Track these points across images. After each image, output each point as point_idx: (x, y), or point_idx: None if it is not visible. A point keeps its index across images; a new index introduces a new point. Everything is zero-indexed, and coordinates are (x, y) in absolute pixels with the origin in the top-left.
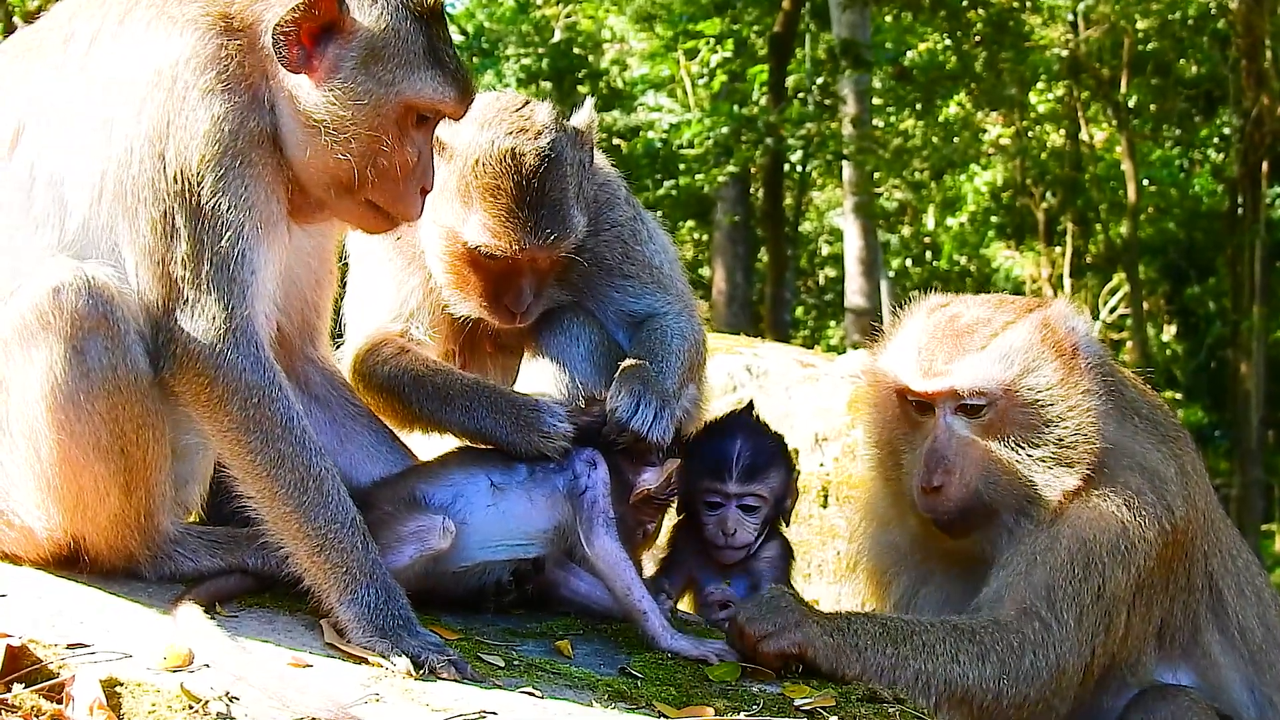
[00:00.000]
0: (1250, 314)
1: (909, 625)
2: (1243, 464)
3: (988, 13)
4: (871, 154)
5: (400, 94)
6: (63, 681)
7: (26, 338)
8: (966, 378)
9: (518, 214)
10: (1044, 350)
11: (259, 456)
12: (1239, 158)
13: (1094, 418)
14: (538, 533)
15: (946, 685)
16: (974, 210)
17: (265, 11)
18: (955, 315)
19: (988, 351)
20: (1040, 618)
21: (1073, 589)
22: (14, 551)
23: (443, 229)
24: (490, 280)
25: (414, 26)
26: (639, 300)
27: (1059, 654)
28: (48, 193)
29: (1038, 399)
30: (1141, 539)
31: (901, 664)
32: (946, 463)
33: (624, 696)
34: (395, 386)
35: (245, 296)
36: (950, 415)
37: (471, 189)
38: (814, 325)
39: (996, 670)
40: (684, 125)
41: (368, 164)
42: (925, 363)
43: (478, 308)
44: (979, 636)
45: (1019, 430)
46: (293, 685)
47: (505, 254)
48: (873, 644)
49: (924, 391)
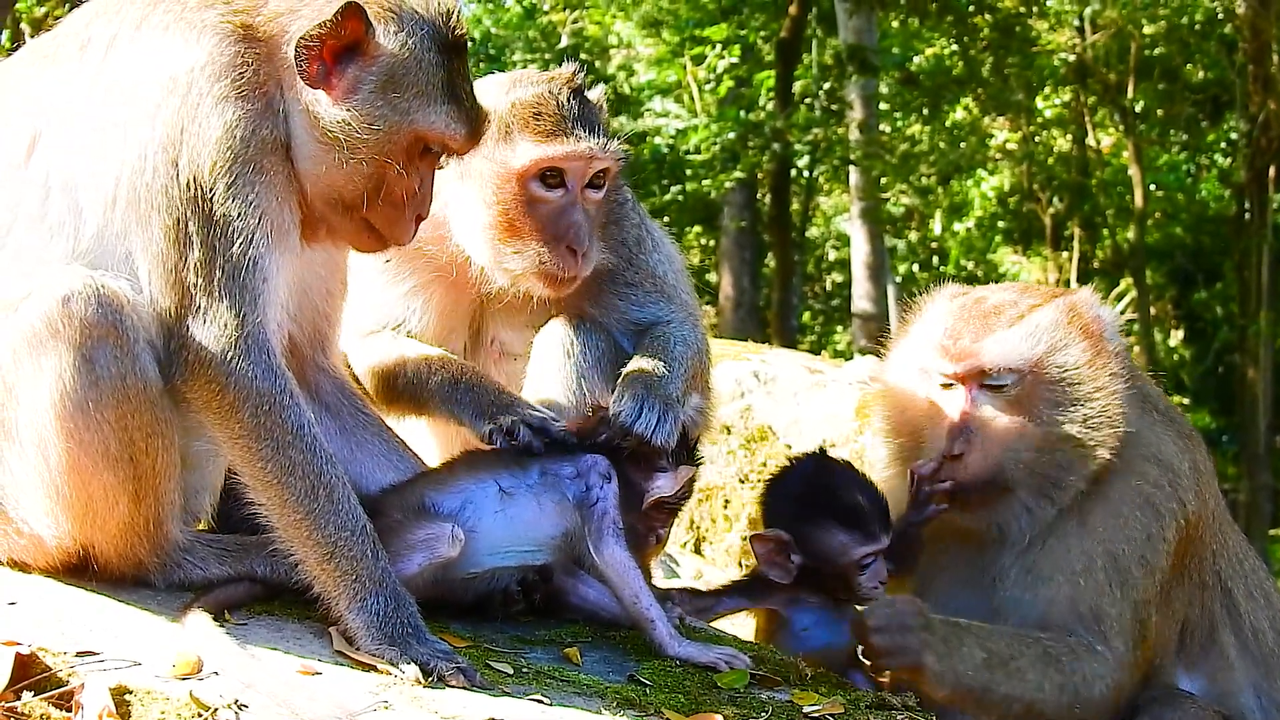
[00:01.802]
0: (1258, 319)
1: (1006, 650)
2: (1250, 469)
3: (994, 18)
4: (878, 159)
5: (413, 124)
6: (72, 689)
7: (36, 346)
8: (994, 355)
9: (565, 121)
10: (1071, 331)
11: (270, 464)
12: (1246, 162)
13: (1119, 400)
14: (546, 539)
15: (1028, 709)
16: (981, 215)
17: (290, 24)
18: (981, 298)
19: (1015, 329)
20: (1097, 648)
21: (1116, 610)
22: (23, 559)
23: (488, 179)
24: (546, 222)
25: (435, 58)
26: (643, 309)
27: (1117, 678)
28: (62, 199)
29: (1065, 377)
30: (1162, 539)
31: (993, 688)
32: (970, 433)
33: (632, 704)
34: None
35: (257, 304)
36: (976, 391)
37: (512, 126)
38: (821, 330)
39: (1070, 698)
40: (691, 130)
41: (373, 186)
42: (952, 341)
43: (535, 260)
44: (1061, 665)
45: (1045, 408)
46: (302, 693)
47: (561, 157)
48: (974, 671)
49: (952, 371)
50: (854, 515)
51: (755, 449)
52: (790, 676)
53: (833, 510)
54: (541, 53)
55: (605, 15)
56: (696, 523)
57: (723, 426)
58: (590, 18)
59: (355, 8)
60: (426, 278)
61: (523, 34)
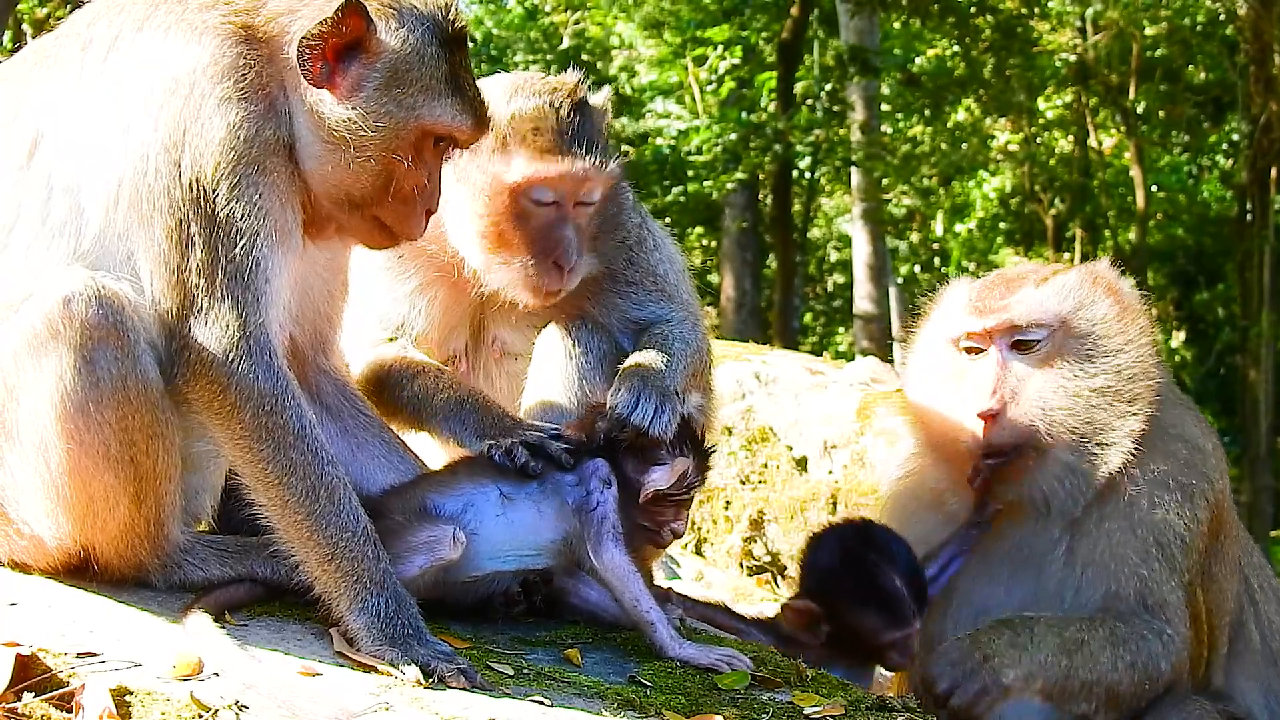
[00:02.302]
0: (1259, 320)
1: (1077, 634)
2: (1252, 470)
3: (996, 19)
4: (880, 160)
5: (419, 119)
6: (72, 690)
7: (37, 347)
8: (1023, 309)
9: (560, 141)
10: (1097, 289)
11: (271, 464)
12: (1248, 164)
13: (1152, 353)
14: (545, 544)
15: (1107, 691)
16: (982, 216)
17: (291, 24)
18: (1003, 270)
19: (1044, 288)
20: (1161, 628)
21: (1172, 595)
22: (23, 560)
23: (480, 188)
24: (535, 235)
25: (437, 52)
26: (643, 308)
27: (1181, 656)
28: (64, 200)
29: (1094, 330)
30: (1195, 519)
31: (1073, 674)
32: (1003, 390)
33: (633, 705)
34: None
35: (259, 304)
36: (1007, 351)
37: (510, 138)
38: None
39: (1141, 676)
40: (692, 131)
41: (381, 183)
42: (981, 302)
43: (521, 272)
44: (1130, 645)
45: (1076, 361)
46: (302, 694)
47: (555, 180)
48: (1051, 657)
49: (981, 326)
50: (890, 601)
51: (756, 450)
52: (791, 678)
53: (870, 593)
54: (543, 54)
55: (607, 16)
56: (698, 524)
57: (724, 428)
58: (592, 19)
59: (356, 5)
60: (429, 277)
61: (524, 35)
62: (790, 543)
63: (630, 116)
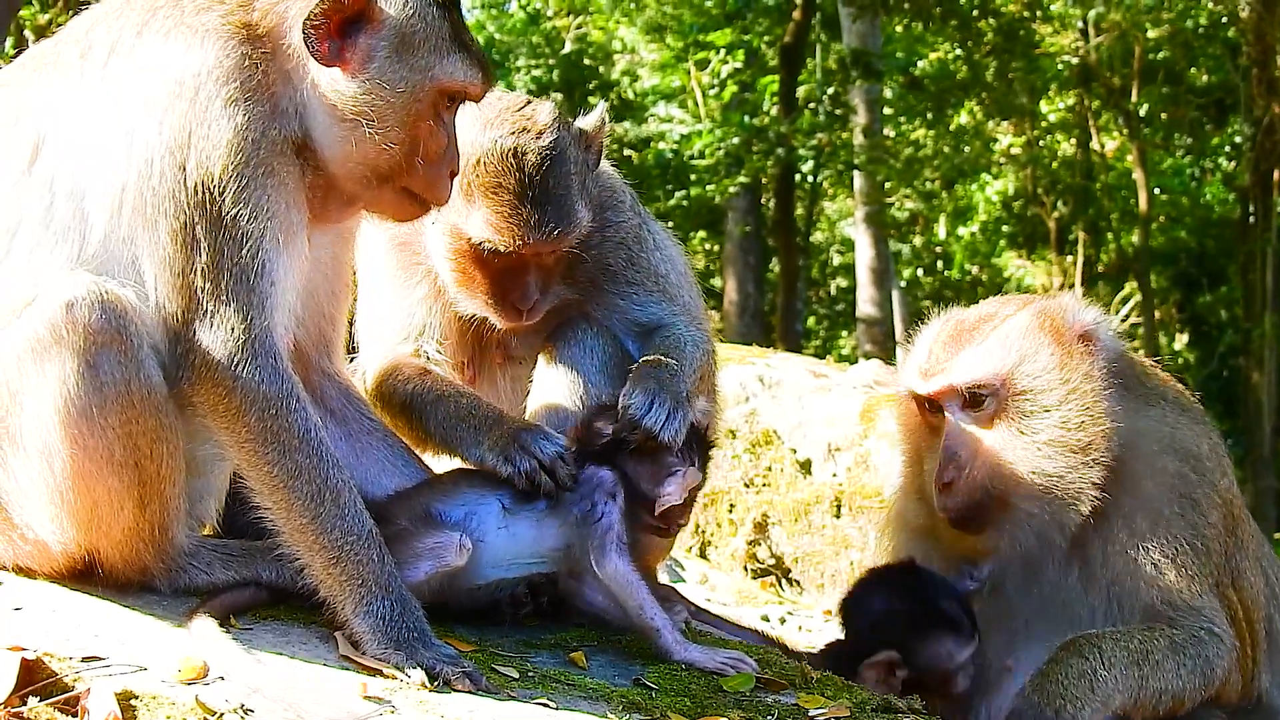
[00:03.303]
0: (1262, 322)
1: (1142, 645)
2: (1255, 472)
3: (998, 22)
4: (883, 164)
5: (435, 78)
6: (77, 694)
7: (40, 352)
8: (963, 372)
9: (520, 209)
10: (1040, 337)
11: (276, 468)
12: (1250, 166)
13: (1099, 399)
14: (548, 552)
15: (1174, 697)
16: (985, 220)
17: (289, 10)
18: (962, 318)
19: (983, 345)
20: (1213, 630)
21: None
22: (28, 565)
23: (447, 226)
24: (496, 278)
25: (438, 12)
26: (644, 309)
27: (1233, 656)
28: (67, 205)
29: (1034, 385)
30: (1207, 524)
31: (1145, 684)
32: (957, 459)
33: (638, 707)
34: (413, 407)
35: (265, 307)
36: (959, 412)
37: (474, 187)
38: (825, 335)
39: (1202, 680)
40: (695, 136)
41: (408, 150)
42: (927, 364)
43: (484, 306)
44: (1188, 650)
45: (1020, 418)
46: (308, 697)
47: (509, 249)
48: (1123, 670)
49: (927, 392)
50: (954, 622)
51: (760, 453)
52: (796, 680)
53: (935, 619)
54: (545, 59)
55: (609, 21)
56: (702, 527)
57: (728, 431)
58: (594, 23)
59: None
60: (434, 286)
61: (526, 40)
62: (795, 545)
63: (632, 121)
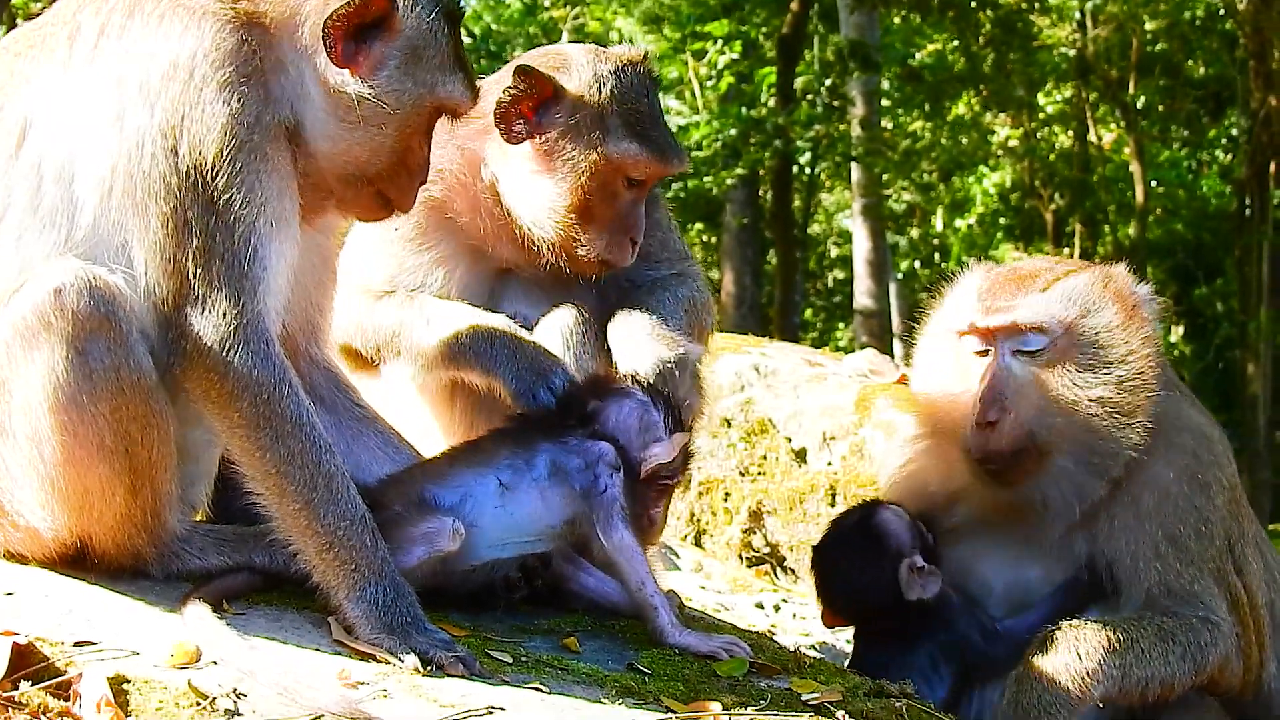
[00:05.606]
0: (1258, 315)
1: (1125, 634)
2: (1250, 465)
3: (995, 14)
4: (880, 156)
5: (436, 95)
6: (70, 679)
7: (28, 339)
8: (1029, 312)
9: (666, 134)
10: (1105, 296)
11: (269, 453)
12: (1247, 159)
13: (1154, 366)
14: (547, 529)
15: (1161, 684)
16: (982, 212)
17: (304, 4)
18: (1016, 266)
19: (1050, 291)
20: (1206, 617)
21: (1201, 585)
22: (20, 551)
23: (581, 162)
24: (620, 213)
25: (446, 29)
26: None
27: (1229, 642)
28: (55, 190)
29: (1098, 339)
30: (1212, 506)
31: (1128, 673)
32: (1003, 399)
33: (631, 692)
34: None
35: (256, 293)
36: (1008, 355)
37: (612, 120)
38: (823, 327)
39: (1193, 665)
40: (692, 127)
41: (397, 158)
42: (988, 300)
43: (603, 247)
44: (1177, 638)
45: (1078, 371)
46: (301, 682)
47: (662, 169)
48: (1104, 660)
49: (986, 327)
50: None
51: (755, 442)
52: (789, 664)
53: (865, 547)
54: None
55: (606, 11)
56: (697, 515)
57: (723, 419)
58: (591, 14)
59: None
60: (453, 249)
61: (524, 30)
62: (789, 534)
63: None
